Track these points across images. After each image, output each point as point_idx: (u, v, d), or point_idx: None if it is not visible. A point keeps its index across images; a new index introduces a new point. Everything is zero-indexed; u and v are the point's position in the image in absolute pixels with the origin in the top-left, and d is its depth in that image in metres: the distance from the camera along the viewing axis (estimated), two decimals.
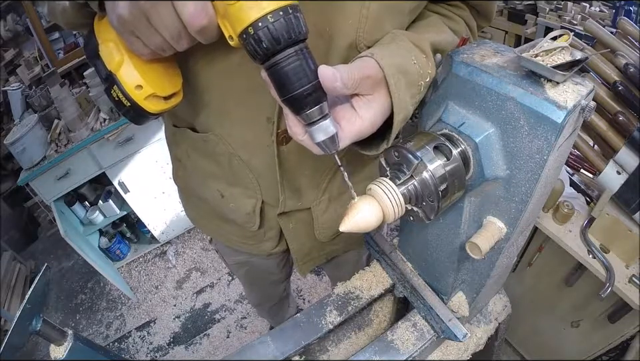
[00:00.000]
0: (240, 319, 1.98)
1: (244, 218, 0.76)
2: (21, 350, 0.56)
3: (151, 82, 0.43)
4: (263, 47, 0.35)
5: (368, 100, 0.44)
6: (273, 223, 0.78)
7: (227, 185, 0.72)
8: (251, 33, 0.34)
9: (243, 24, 0.34)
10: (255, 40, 0.35)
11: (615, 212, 0.95)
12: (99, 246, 2.28)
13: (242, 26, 0.34)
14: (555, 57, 0.41)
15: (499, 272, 0.63)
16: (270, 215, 0.76)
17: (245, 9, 0.34)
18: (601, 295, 0.91)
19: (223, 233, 0.87)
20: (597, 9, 1.85)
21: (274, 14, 0.34)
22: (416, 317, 0.74)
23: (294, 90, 0.37)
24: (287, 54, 0.36)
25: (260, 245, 0.86)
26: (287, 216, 0.77)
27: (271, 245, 0.86)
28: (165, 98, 0.46)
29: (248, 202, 0.72)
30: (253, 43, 0.35)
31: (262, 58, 0.36)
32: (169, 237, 2.39)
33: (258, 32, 0.34)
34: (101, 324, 2.16)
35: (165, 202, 2.22)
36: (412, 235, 0.70)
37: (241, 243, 0.87)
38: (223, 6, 0.35)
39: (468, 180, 0.48)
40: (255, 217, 0.75)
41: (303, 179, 0.69)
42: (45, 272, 0.64)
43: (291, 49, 0.36)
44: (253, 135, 0.60)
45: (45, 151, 1.82)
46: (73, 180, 1.92)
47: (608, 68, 0.88)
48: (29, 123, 1.79)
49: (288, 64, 0.36)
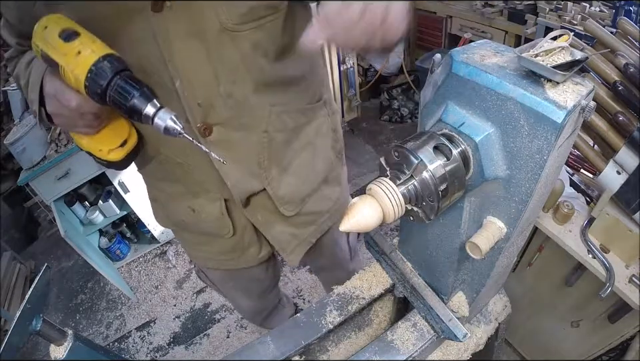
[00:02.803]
0: (240, 319, 1.98)
1: (217, 224, 0.82)
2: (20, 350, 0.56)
3: (103, 144, 0.62)
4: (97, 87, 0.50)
5: None
6: (244, 222, 0.83)
7: (193, 198, 0.79)
8: (87, 84, 0.50)
9: (81, 84, 0.50)
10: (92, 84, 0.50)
11: (614, 212, 0.95)
12: (99, 246, 2.28)
13: (82, 85, 0.50)
14: (555, 57, 0.41)
15: (498, 272, 0.63)
16: (238, 214, 0.82)
17: (78, 73, 0.50)
18: (600, 295, 0.91)
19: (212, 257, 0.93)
20: (597, 9, 1.85)
21: (94, 64, 0.49)
22: (416, 317, 0.74)
23: (124, 105, 0.51)
24: (112, 84, 0.50)
25: (245, 255, 0.90)
26: (251, 208, 0.81)
27: (255, 251, 0.90)
28: (120, 146, 0.63)
29: (214, 207, 0.78)
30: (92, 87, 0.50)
31: (101, 94, 0.51)
32: (169, 237, 2.39)
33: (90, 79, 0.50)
34: (101, 324, 2.16)
35: None
36: (412, 235, 0.70)
37: (228, 261, 0.92)
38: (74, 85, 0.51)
39: (468, 180, 0.48)
40: (225, 219, 0.80)
41: (240, 165, 0.72)
42: (44, 272, 0.64)
43: (114, 80, 0.50)
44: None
45: (45, 151, 1.82)
46: (73, 180, 1.92)
47: (608, 68, 0.88)
48: (29, 123, 1.79)
49: (115, 91, 0.50)
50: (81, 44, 0.49)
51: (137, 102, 0.50)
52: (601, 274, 0.96)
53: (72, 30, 0.50)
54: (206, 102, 0.62)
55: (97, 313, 2.22)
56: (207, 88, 0.62)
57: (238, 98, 0.64)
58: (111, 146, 0.63)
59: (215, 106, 0.63)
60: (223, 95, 0.63)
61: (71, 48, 0.49)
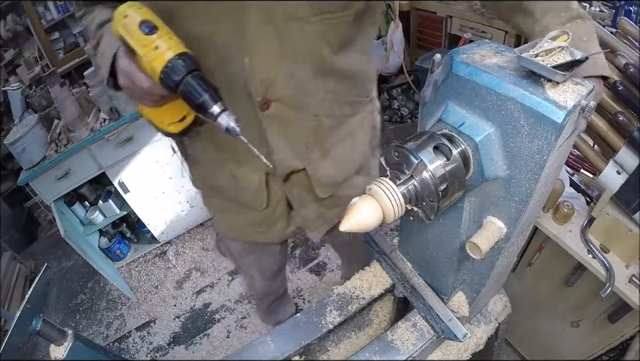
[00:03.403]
0: (240, 319, 1.98)
1: (253, 195, 0.84)
2: (21, 350, 0.56)
3: (164, 117, 0.67)
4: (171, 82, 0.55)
5: None
6: (278, 196, 0.86)
7: (237, 166, 0.82)
8: (162, 77, 0.55)
9: (156, 75, 0.55)
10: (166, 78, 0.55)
11: (614, 212, 0.95)
12: (99, 246, 2.28)
13: (157, 76, 0.55)
14: (555, 57, 0.41)
15: (498, 272, 0.63)
16: (275, 187, 0.85)
17: (155, 65, 0.55)
18: (601, 295, 0.91)
19: (238, 227, 0.97)
20: (597, 9, 1.85)
21: (170, 61, 0.54)
22: (416, 317, 0.74)
23: (194, 102, 0.57)
24: (184, 82, 0.55)
25: (272, 229, 0.93)
26: (289, 183, 0.84)
27: (282, 226, 0.93)
28: (180, 120, 0.69)
29: (254, 177, 0.82)
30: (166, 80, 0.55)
31: (173, 87, 0.56)
32: (169, 237, 2.39)
33: (165, 73, 0.55)
34: (101, 324, 2.16)
35: (165, 202, 2.22)
36: (412, 235, 0.70)
37: (254, 233, 0.95)
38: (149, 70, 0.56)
39: (468, 180, 0.48)
40: (262, 191, 0.84)
41: (289, 141, 0.76)
42: (44, 272, 0.64)
43: (186, 78, 0.55)
44: (243, 109, 0.69)
45: (45, 151, 1.82)
46: (73, 180, 1.92)
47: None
48: (29, 123, 1.79)
49: (186, 87, 0.56)
50: (159, 38, 0.54)
51: (205, 101, 0.56)
52: (601, 274, 0.96)
53: (151, 23, 0.55)
54: (268, 79, 0.68)
55: (97, 313, 2.22)
56: (271, 67, 0.67)
57: (298, 80, 0.69)
58: (172, 120, 0.68)
59: (276, 84, 0.68)
60: (285, 75, 0.68)
61: (150, 41, 0.54)
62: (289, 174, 0.82)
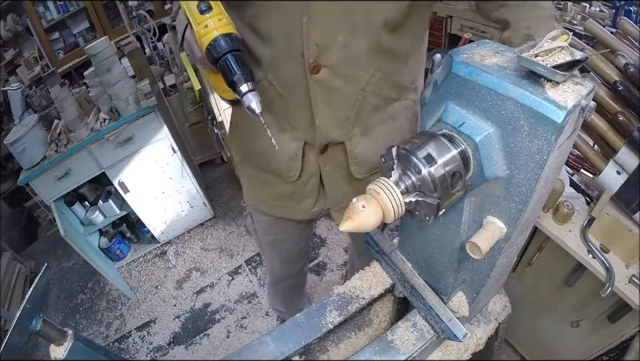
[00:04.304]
0: (240, 319, 1.98)
1: (288, 164, 0.87)
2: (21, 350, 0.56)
3: (220, 83, 0.70)
4: (212, 57, 0.63)
5: None
6: (312, 168, 0.88)
7: (277, 132, 0.84)
8: (206, 52, 0.63)
9: (203, 49, 0.63)
10: (209, 54, 0.63)
11: (615, 212, 0.95)
12: (99, 246, 2.28)
13: (204, 50, 0.63)
14: (555, 57, 0.41)
15: (498, 272, 0.63)
16: (310, 160, 0.87)
17: (203, 41, 0.63)
18: (601, 295, 0.91)
19: (267, 200, 0.99)
20: (597, 9, 1.85)
21: (215, 39, 0.62)
22: (416, 317, 0.74)
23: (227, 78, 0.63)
24: (224, 59, 0.62)
25: (299, 205, 0.95)
26: (324, 157, 0.86)
27: (311, 203, 0.95)
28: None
29: (292, 145, 0.84)
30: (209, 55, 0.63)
31: (214, 62, 0.63)
32: (169, 237, 2.39)
33: (209, 49, 0.63)
34: (101, 324, 2.16)
35: (164, 202, 2.22)
36: (412, 235, 0.70)
37: (281, 207, 0.97)
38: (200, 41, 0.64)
39: (468, 180, 0.48)
40: (297, 161, 0.86)
41: (333, 109, 0.78)
42: (44, 272, 0.64)
43: (226, 56, 0.62)
44: (294, 70, 0.73)
45: (45, 151, 1.82)
46: (73, 180, 1.92)
47: (608, 68, 0.88)
48: (29, 123, 1.79)
49: (224, 63, 0.62)
50: (210, 18, 0.62)
51: (236, 79, 0.62)
52: (601, 274, 0.96)
53: (207, 2, 0.62)
54: (323, 44, 0.69)
55: (97, 313, 2.22)
56: (328, 32, 0.69)
57: (351, 50, 0.71)
58: (227, 87, 0.73)
59: (330, 49, 0.70)
60: (340, 44, 0.70)
61: (203, 19, 0.62)
62: (326, 145, 0.84)
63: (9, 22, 2.46)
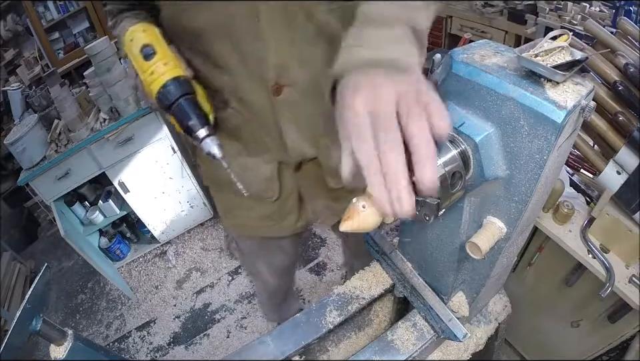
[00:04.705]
0: (240, 319, 1.98)
1: (265, 185, 0.85)
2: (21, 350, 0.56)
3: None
4: (163, 105, 0.59)
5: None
6: (290, 187, 0.87)
7: (248, 156, 0.83)
8: (157, 99, 0.59)
9: (153, 97, 0.60)
10: (159, 101, 0.59)
11: (615, 212, 0.95)
12: (99, 246, 2.28)
13: (154, 98, 0.59)
14: (555, 57, 0.41)
15: (498, 272, 0.63)
16: (287, 179, 0.85)
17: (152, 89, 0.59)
18: (601, 295, 0.91)
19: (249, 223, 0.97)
20: (597, 9, 1.85)
21: (163, 86, 0.58)
22: (416, 317, 0.74)
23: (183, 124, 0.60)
24: (175, 104, 0.59)
25: (283, 222, 0.94)
26: (300, 173, 0.85)
27: (293, 219, 0.93)
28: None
29: (266, 168, 0.83)
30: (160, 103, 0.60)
31: (167, 109, 0.60)
32: (169, 237, 2.39)
33: (159, 97, 0.59)
34: (101, 324, 2.16)
35: (164, 202, 2.22)
36: (412, 235, 0.70)
37: (265, 227, 0.95)
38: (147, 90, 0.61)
39: (468, 180, 0.48)
40: (274, 182, 0.84)
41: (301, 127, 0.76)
42: (44, 272, 0.64)
43: (179, 100, 0.59)
44: (257, 93, 0.71)
45: (45, 151, 1.82)
46: (73, 180, 1.92)
47: (608, 68, 0.88)
48: (29, 123, 1.79)
49: (177, 110, 0.59)
50: (155, 64, 0.58)
51: (192, 124, 0.60)
52: (601, 274, 0.96)
53: (151, 48, 0.59)
54: (281, 64, 0.68)
55: (97, 313, 2.22)
56: (284, 52, 0.67)
57: (309, 66, 0.70)
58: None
59: (288, 68, 0.69)
60: (297, 61, 0.69)
61: (148, 66, 0.58)
62: (300, 163, 0.83)
63: (9, 22, 2.46)
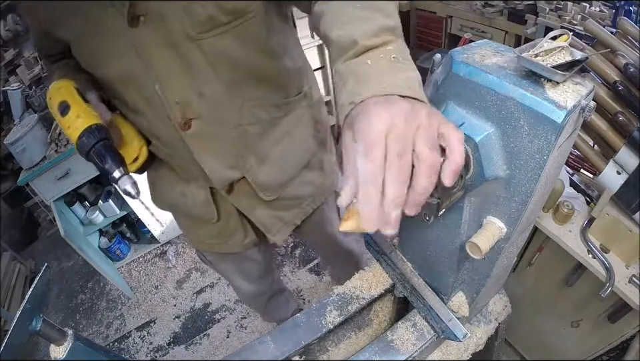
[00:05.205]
0: (240, 319, 1.98)
1: (203, 210, 0.89)
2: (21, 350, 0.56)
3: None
4: (82, 153, 0.65)
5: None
6: (228, 209, 0.90)
7: (185, 183, 0.87)
8: (76, 148, 0.66)
9: (74, 141, 0.65)
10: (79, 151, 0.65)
11: (615, 212, 0.95)
12: (99, 246, 2.28)
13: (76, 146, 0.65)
14: (555, 57, 0.41)
15: (498, 272, 0.63)
16: (222, 201, 0.88)
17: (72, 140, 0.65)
18: (601, 295, 0.91)
19: (202, 240, 1.00)
20: (597, 9, 1.85)
21: (79, 137, 0.64)
22: (416, 317, 0.74)
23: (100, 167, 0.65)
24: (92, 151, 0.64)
25: (230, 240, 0.96)
26: (235, 194, 0.86)
27: (240, 237, 0.96)
28: (133, 162, 0.78)
29: (201, 193, 0.86)
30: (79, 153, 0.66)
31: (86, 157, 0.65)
32: (169, 237, 2.39)
33: (78, 148, 0.65)
34: (101, 324, 2.16)
35: None
36: (412, 235, 0.70)
37: (216, 244, 0.98)
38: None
39: (468, 180, 0.48)
40: (210, 206, 0.88)
41: (217, 155, 0.78)
42: (44, 272, 0.64)
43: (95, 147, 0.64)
44: (168, 132, 0.74)
45: (45, 151, 1.82)
46: (73, 180, 1.92)
47: (608, 68, 0.88)
48: (29, 123, 1.78)
49: (94, 155, 0.64)
50: (70, 118, 0.65)
51: (108, 167, 0.65)
52: (601, 274, 0.96)
53: (66, 103, 0.65)
54: (183, 100, 0.70)
55: (97, 313, 2.22)
56: (182, 88, 0.69)
57: (209, 96, 0.71)
58: (128, 161, 0.76)
59: (190, 103, 0.71)
60: (196, 94, 0.70)
61: (65, 121, 0.65)
62: (230, 185, 0.84)
63: (9, 22, 2.46)
